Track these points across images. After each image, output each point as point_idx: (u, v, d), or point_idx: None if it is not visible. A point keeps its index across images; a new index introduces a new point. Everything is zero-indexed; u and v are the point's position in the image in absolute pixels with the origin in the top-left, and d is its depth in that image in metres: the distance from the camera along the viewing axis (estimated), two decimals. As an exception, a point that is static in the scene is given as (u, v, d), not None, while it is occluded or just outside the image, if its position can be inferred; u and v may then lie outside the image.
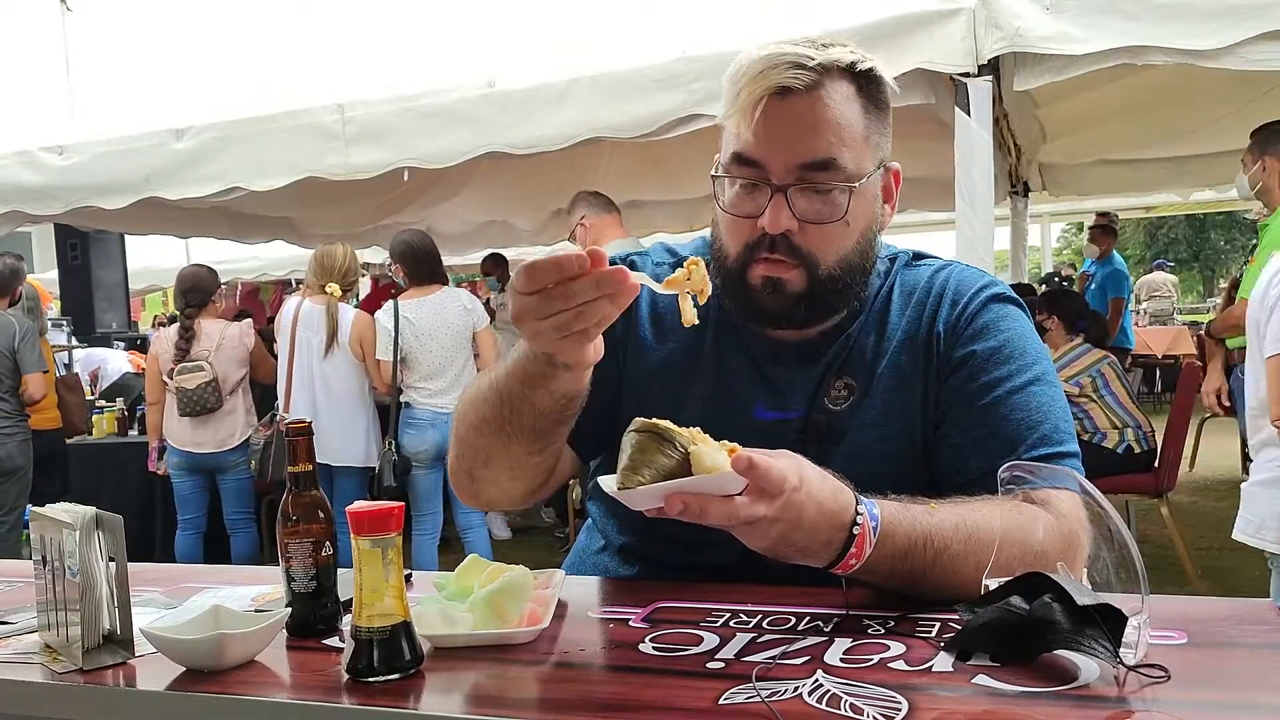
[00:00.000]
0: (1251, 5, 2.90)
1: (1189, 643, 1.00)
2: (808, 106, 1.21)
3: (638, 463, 1.01)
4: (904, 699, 0.88)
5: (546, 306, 1.03)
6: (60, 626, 1.15)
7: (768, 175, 1.23)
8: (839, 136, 1.22)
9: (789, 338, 1.34)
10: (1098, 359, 4.85)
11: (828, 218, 1.23)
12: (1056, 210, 11.79)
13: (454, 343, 4.56)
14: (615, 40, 3.98)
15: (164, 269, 10.51)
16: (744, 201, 1.26)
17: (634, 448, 1.02)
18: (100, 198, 4.65)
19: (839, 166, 1.22)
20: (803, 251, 1.24)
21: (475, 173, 5.57)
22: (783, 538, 1.02)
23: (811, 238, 1.24)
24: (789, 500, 1.00)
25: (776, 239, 1.23)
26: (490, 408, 1.26)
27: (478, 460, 1.33)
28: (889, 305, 1.36)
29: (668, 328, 1.40)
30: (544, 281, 1.02)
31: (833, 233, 1.25)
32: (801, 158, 1.21)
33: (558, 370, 1.15)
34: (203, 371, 4.77)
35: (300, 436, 1.21)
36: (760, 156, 1.23)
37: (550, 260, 1.03)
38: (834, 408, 1.31)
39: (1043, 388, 1.28)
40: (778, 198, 1.22)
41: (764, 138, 1.21)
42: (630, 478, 1.01)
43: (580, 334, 1.06)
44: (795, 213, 1.22)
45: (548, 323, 1.05)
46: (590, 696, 0.96)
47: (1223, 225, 28.50)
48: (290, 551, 1.18)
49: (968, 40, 3.16)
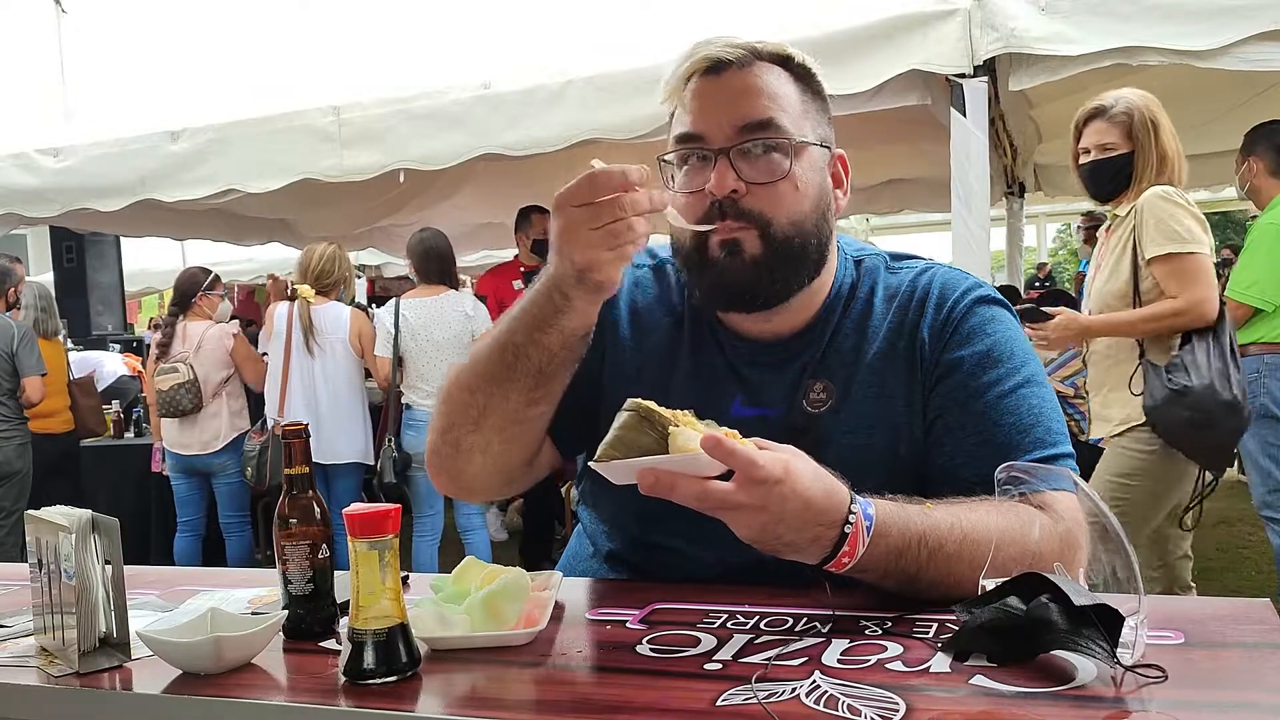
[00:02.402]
0: (1246, 6, 2.91)
1: (1185, 642, 1.00)
2: (740, 77, 1.25)
3: (618, 439, 1.04)
4: (901, 700, 0.88)
5: (602, 215, 1.10)
6: (56, 630, 1.15)
7: (707, 144, 1.25)
8: (774, 102, 1.25)
9: (763, 335, 1.33)
10: (1093, 359, 4.84)
11: (771, 176, 1.24)
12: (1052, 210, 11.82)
13: (451, 346, 4.55)
14: (610, 42, 3.98)
15: (159, 271, 10.49)
16: (691, 178, 1.27)
17: (619, 425, 1.05)
18: (95, 200, 4.64)
19: (777, 126, 1.24)
20: (753, 213, 1.24)
21: (471, 175, 5.57)
22: (765, 529, 1.02)
23: (760, 199, 1.24)
24: (770, 492, 1.00)
25: (725, 203, 1.23)
26: (489, 362, 1.27)
27: (467, 422, 1.31)
28: (870, 308, 1.34)
29: (646, 328, 1.41)
30: (607, 190, 1.09)
31: (781, 193, 1.24)
32: (738, 120, 1.24)
33: (581, 296, 1.17)
34: (177, 373, 4.76)
35: (296, 439, 1.21)
36: (700, 128, 1.25)
37: (618, 169, 1.10)
38: (812, 410, 1.29)
39: (1032, 389, 1.27)
40: (720, 161, 1.23)
41: (700, 109, 1.25)
42: (608, 452, 1.04)
43: (624, 248, 1.11)
44: (739, 174, 1.23)
45: (600, 232, 1.10)
46: (587, 698, 0.96)
47: (1218, 225, 28.56)
48: (287, 554, 1.18)
49: (963, 41, 3.17)
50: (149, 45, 5.46)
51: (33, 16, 5.69)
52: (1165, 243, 2.83)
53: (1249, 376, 3.79)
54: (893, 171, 6.34)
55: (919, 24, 3.25)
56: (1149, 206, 2.87)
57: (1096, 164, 3.05)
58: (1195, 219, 2.85)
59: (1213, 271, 2.89)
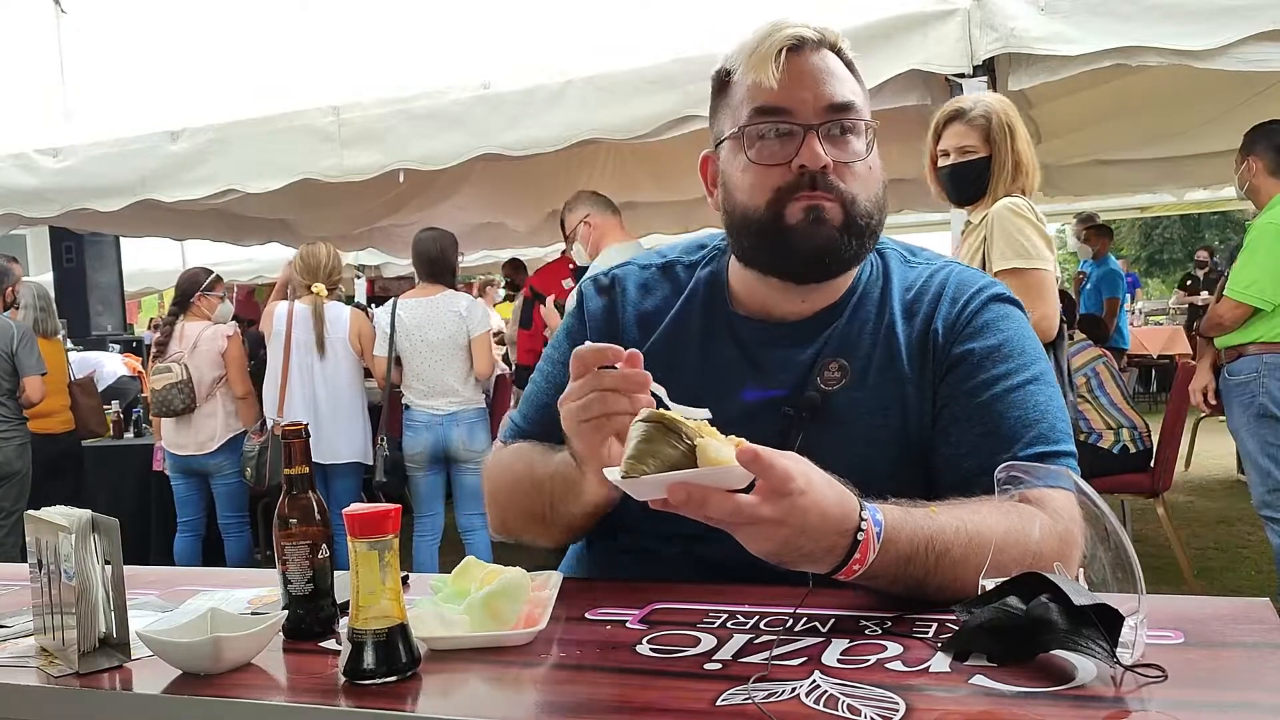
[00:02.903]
0: (1244, 6, 2.91)
1: (1185, 642, 1.00)
2: (821, 58, 1.29)
3: (643, 452, 1.00)
4: (901, 699, 0.88)
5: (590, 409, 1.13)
6: (56, 630, 1.15)
7: (795, 119, 1.27)
8: (850, 87, 1.30)
9: (789, 316, 1.36)
10: (1092, 359, 4.85)
11: (855, 157, 1.29)
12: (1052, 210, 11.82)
13: (445, 346, 4.54)
14: (610, 42, 3.98)
15: (159, 271, 10.48)
16: (771, 150, 1.29)
17: (641, 437, 1.01)
18: (95, 200, 4.64)
19: (858, 109, 1.29)
20: (840, 188, 1.28)
21: (470, 174, 5.57)
22: (787, 542, 1.01)
23: (844, 176, 1.28)
24: (794, 504, 0.99)
25: (816, 175, 1.26)
26: (530, 500, 1.34)
27: (520, 534, 1.42)
28: (886, 298, 1.36)
29: (652, 326, 1.43)
30: (589, 364, 1.13)
31: (861, 173, 1.30)
32: (827, 99, 1.27)
33: (584, 476, 1.21)
34: (170, 373, 4.75)
35: (296, 439, 1.21)
36: (787, 103, 1.27)
37: (594, 347, 1.15)
38: (826, 388, 1.31)
39: (1040, 387, 1.28)
40: (811, 136, 1.26)
41: (788, 84, 1.27)
42: (635, 467, 1.00)
43: (597, 422, 1.13)
44: (827, 153, 1.26)
45: (577, 404, 1.14)
46: (587, 698, 0.96)
47: (1217, 225, 28.56)
48: (287, 554, 1.18)
49: (963, 41, 3.17)
50: (148, 45, 5.46)
51: (32, 17, 5.70)
52: (1013, 257, 2.80)
53: (1248, 376, 3.80)
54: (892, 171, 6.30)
55: (918, 24, 3.25)
56: (998, 218, 2.84)
57: (955, 167, 3.00)
58: (1041, 235, 2.83)
59: (1055, 288, 2.89)
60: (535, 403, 1.49)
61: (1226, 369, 3.93)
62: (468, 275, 11.47)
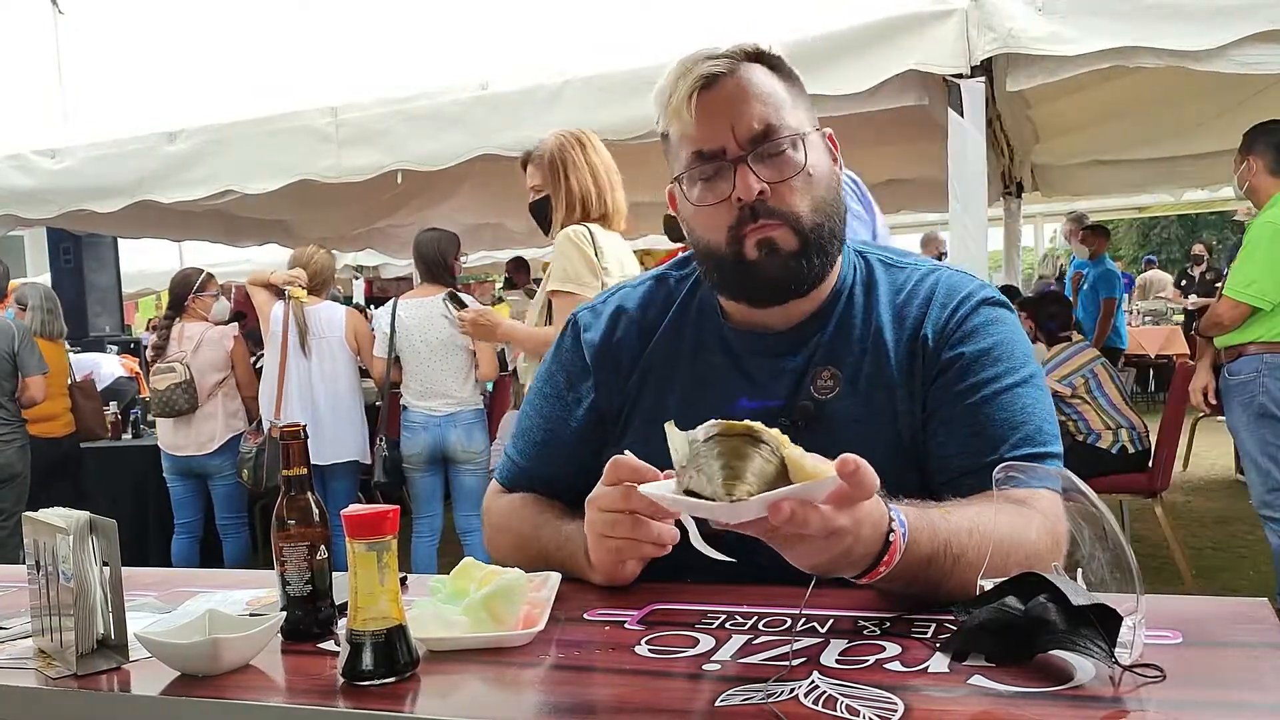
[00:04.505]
0: (1242, 6, 2.91)
1: (1184, 642, 1.00)
2: (734, 85, 1.28)
3: (739, 470, 0.92)
4: (900, 700, 0.88)
5: (616, 528, 1.17)
6: (54, 632, 1.15)
7: (723, 156, 1.28)
8: (770, 104, 1.29)
9: (776, 324, 1.36)
10: (1090, 359, 4.86)
11: (790, 172, 1.29)
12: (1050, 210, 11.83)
13: (442, 347, 4.54)
14: (608, 42, 3.98)
15: (157, 272, 10.46)
16: (711, 191, 1.30)
17: (729, 454, 0.93)
18: (93, 201, 4.64)
19: (782, 124, 1.29)
20: (781, 210, 1.28)
21: (469, 175, 5.56)
22: (846, 552, 0.97)
23: (783, 196, 1.28)
24: (860, 512, 0.95)
25: (755, 206, 1.27)
26: (533, 561, 1.33)
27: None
28: (872, 303, 1.37)
29: (649, 333, 1.44)
30: (624, 478, 1.15)
31: (800, 186, 1.29)
32: (747, 129, 1.28)
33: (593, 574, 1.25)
34: (174, 373, 4.76)
35: (294, 440, 1.21)
36: (710, 143, 1.28)
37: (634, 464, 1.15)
38: (820, 396, 1.32)
39: (1028, 390, 1.29)
40: (741, 168, 1.27)
41: (708, 124, 1.28)
42: (737, 487, 0.91)
43: (620, 546, 1.18)
44: (761, 178, 1.27)
45: (605, 518, 1.18)
46: (586, 699, 0.96)
47: (1215, 225, 28.58)
48: (285, 555, 1.18)
49: (961, 41, 3.17)
50: (146, 46, 5.45)
51: (30, 17, 5.69)
52: (557, 280, 3.08)
53: (1248, 375, 3.80)
54: (890, 172, 6.34)
55: (916, 24, 3.25)
56: (558, 244, 3.11)
57: (531, 204, 3.32)
58: (586, 262, 3.05)
59: None
60: (531, 439, 1.49)
61: (1226, 368, 3.93)
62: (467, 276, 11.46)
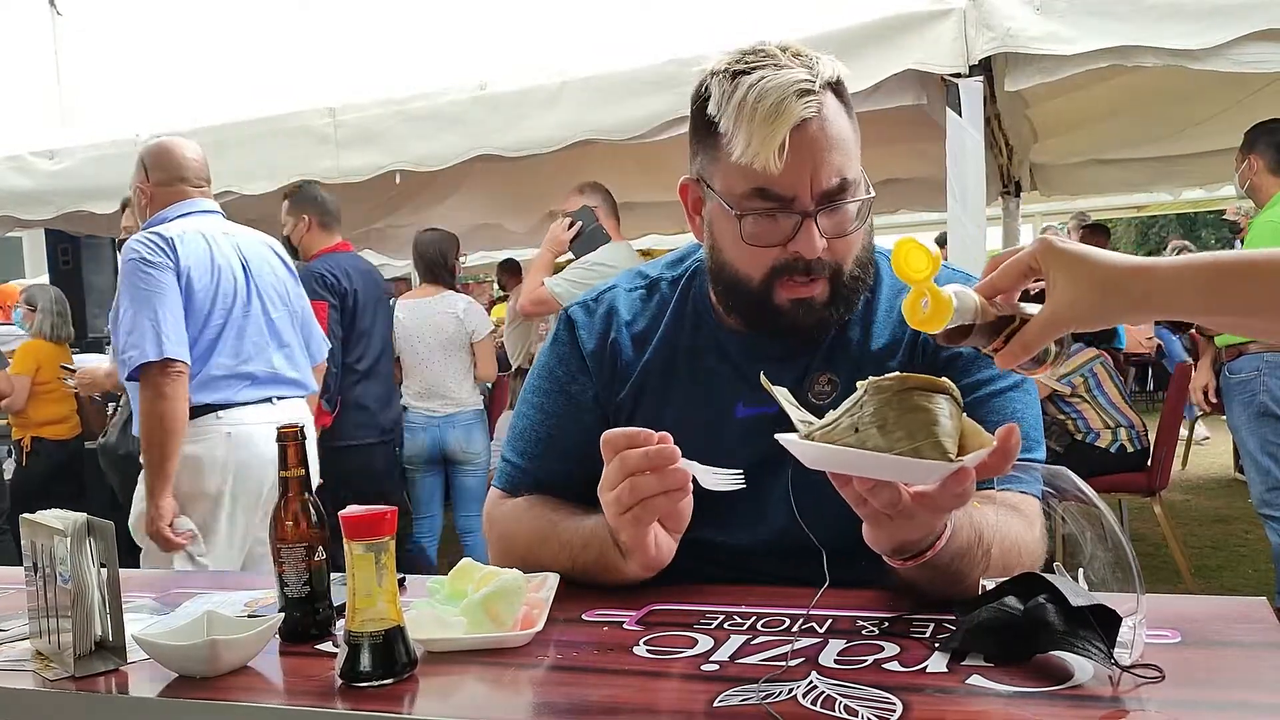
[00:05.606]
0: (1241, 6, 2.91)
1: (1182, 642, 1.00)
2: (820, 130, 1.21)
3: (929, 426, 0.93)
4: (898, 700, 0.88)
5: (622, 500, 1.14)
6: (52, 633, 1.15)
7: (794, 207, 1.23)
8: (846, 153, 1.24)
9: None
10: (1089, 358, 4.85)
11: (850, 229, 1.27)
12: (1049, 210, 11.82)
13: (441, 348, 4.53)
14: (607, 42, 3.97)
15: (156, 273, 10.45)
16: (766, 231, 1.25)
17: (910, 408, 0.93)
18: (91, 202, 4.63)
19: (853, 181, 1.25)
20: (831, 264, 1.27)
21: (467, 176, 5.55)
22: (930, 529, 1.04)
23: (837, 251, 1.27)
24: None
25: (811, 261, 1.24)
26: (556, 561, 1.30)
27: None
28: (874, 306, 1.37)
29: (645, 341, 1.42)
30: (618, 449, 1.15)
31: (854, 240, 1.28)
32: (824, 184, 1.22)
33: (628, 563, 1.21)
34: None
35: (292, 441, 1.21)
36: (786, 189, 1.22)
37: (623, 432, 1.16)
38: (817, 402, 1.32)
39: (1019, 394, 1.32)
40: (808, 223, 1.23)
41: (790, 170, 1.20)
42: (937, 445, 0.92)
43: (634, 513, 1.15)
44: (822, 232, 1.24)
45: (612, 494, 1.15)
46: (584, 700, 0.96)
47: (1214, 224, 28.57)
48: (283, 557, 1.18)
49: (959, 41, 3.16)
50: (144, 47, 5.45)
51: (28, 19, 5.69)
52: None
53: (1249, 374, 3.80)
54: (888, 172, 6.33)
55: (914, 23, 3.24)
56: None
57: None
58: None
59: None
60: (531, 438, 1.44)
61: (1227, 367, 3.93)
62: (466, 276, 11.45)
